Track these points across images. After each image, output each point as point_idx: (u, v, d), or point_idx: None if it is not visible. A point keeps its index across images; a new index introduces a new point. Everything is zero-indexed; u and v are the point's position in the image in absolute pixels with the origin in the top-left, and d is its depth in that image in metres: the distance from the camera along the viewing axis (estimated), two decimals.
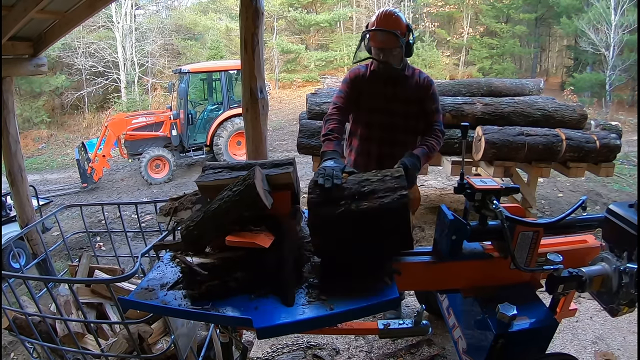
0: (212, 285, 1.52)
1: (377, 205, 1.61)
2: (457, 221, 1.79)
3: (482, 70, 20.70)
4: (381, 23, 2.51)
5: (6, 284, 1.92)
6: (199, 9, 23.58)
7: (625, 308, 1.79)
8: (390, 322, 2.08)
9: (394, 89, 2.65)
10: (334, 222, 1.62)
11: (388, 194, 1.64)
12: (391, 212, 1.60)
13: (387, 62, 2.56)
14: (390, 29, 2.47)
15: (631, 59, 15.71)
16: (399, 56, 2.57)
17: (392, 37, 2.47)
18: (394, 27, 2.47)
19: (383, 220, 1.62)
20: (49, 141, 15.88)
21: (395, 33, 2.45)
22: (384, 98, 2.66)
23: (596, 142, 4.53)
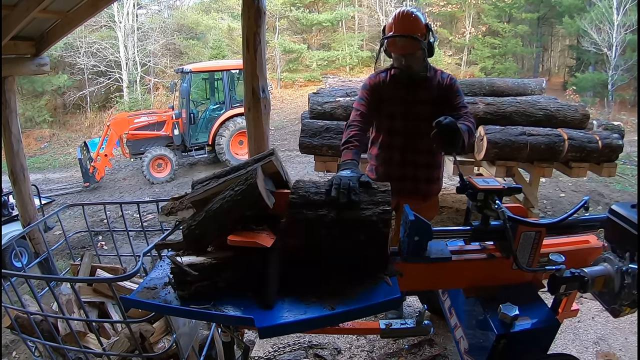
0: (201, 286, 1.51)
1: (357, 217, 1.60)
2: (419, 221, 1.76)
3: (484, 70, 20.68)
4: (399, 27, 2.40)
5: (8, 282, 1.93)
6: (201, 9, 23.62)
7: (627, 309, 1.79)
8: (392, 322, 2.08)
9: (416, 92, 2.56)
10: (311, 226, 1.61)
11: (370, 206, 1.63)
12: (370, 226, 1.59)
13: (410, 66, 2.48)
14: (410, 32, 2.37)
15: (633, 58, 15.66)
16: (421, 59, 2.47)
17: (413, 41, 2.38)
18: (413, 31, 2.37)
19: (360, 232, 1.59)
20: (51, 140, 15.92)
21: (415, 37, 2.36)
22: (406, 103, 2.57)
23: (598, 142, 4.52)
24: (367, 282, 1.58)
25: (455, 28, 23.27)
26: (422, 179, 2.69)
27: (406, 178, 2.67)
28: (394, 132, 2.65)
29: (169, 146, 10.59)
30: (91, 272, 2.57)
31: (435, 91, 2.55)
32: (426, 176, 2.70)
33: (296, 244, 1.62)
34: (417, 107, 2.56)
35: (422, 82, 2.56)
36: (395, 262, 1.78)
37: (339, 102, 4.94)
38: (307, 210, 1.63)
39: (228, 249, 1.58)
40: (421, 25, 2.41)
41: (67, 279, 2.53)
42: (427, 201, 2.75)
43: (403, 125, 2.61)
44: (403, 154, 2.65)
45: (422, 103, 2.55)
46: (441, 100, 2.54)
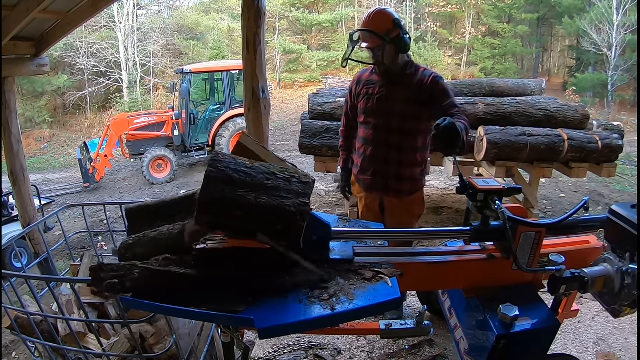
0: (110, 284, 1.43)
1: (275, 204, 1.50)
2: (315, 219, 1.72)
3: (484, 71, 20.70)
4: (363, 23, 2.53)
5: (8, 283, 1.92)
6: (201, 9, 23.63)
7: (628, 309, 1.79)
8: (392, 323, 2.08)
9: (392, 89, 2.61)
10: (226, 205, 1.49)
11: (290, 196, 1.54)
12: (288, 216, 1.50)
13: (378, 61, 2.55)
14: (370, 27, 2.47)
15: (633, 59, 15.69)
16: (390, 54, 2.53)
17: (372, 35, 2.46)
18: (374, 26, 2.47)
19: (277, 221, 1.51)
20: (51, 141, 15.93)
21: (374, 31, 2.45)
22: (380, 99, 2.64)
23: (598, 142, 4.52)
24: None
25: (455, 28, 23.30)
26: (392, 175, 2.70)
27: (378, 173, 2.72)
28: (367, 127, 2.72)
29: (169, 147, 10.60)
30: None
31: (413, 89, 2.57)
32: (396, 173, 2.69)
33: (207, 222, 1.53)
34: (390, 104, 2.60)
35: (399, 79, 2.61)
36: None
37: (338, 103, 4.95)
38: (225, 187, 1.50)
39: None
40: (385, 21, 2.48)
41: (67, 279, 2.53)
42: (401, 198, 2.75)
43: (376, 120, 2.67)
44: (375, 149, 2.70)
45: (396, 100, 2.59)
46: (421, 98, 2.55)
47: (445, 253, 1.94)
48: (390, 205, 2.78)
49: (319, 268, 1.65)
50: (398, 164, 2.68)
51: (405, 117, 2.59)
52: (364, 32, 2.51)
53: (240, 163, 1.57)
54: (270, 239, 1.51)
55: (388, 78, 2.64)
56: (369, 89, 2.70)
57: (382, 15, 2.50)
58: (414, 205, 2.81)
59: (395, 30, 2.47)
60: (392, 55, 2.53)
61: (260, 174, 1.56)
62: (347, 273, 1.65)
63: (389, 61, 2.55)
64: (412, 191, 2.76)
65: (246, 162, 1.58)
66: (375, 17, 2.50)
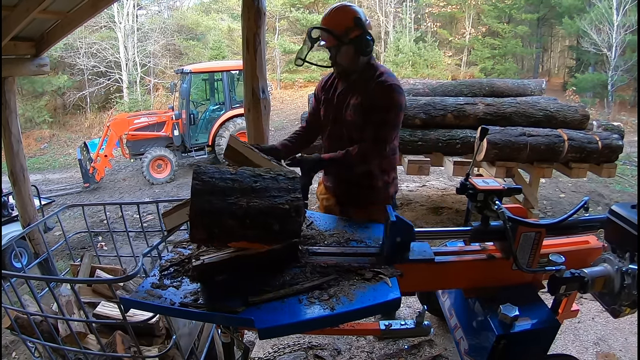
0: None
1: (268, 204, 1.50)
2: (401, 222, 1.76)
3: (484, 71, 20.70)
4: (322, 19, 2.29)
5: (8, 283, 1.92)
6: (201, 9, 23.64)
7: (627, 309, 1.79)
8: (391, 323, 2.08)
9: (345, 94, 2.38)
10: (218, 214, 1.48)
11: (281, 194, 1.53)
12: (283, 214, 1.50)
13: (334, 62, 2.34)
14: (328, 25, 2.24)
15: (633, 59, 15.68)
16: (347, 56, 2.27)
17: (327, 34, 2.24)
18: (331, 24, 2.23)
19: (273, 221, 1.51)
20: (51, 141, 15.93)
21: (329, 30, 2.22)
22: (334, 106, 2.43)
23: (598, 142, 4.52)
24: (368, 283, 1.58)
25: (455, 29, 23.31)
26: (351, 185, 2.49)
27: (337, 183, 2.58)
28: (325, 135, 2.55)
29: (169, 147, 10.60)
30: (91, 273, 2.57)
31: (366, 97, 2.29)
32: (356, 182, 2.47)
33: (204, 238, 1.53)
34: (340, 111, 2.39)
35: (355, 85, 2.35)
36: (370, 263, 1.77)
37: None
38: (213, 198, 1.48)
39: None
40: (345, 18, 2.22)
41: (67, 279, 2.53)
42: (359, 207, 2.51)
43: (331, 130, 2.47)
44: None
45: (346, 107, 2.36)
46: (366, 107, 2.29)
47: (445, 253, 1.94)
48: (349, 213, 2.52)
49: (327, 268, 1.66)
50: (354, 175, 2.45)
51: (354, 127, 2.34)
52: (320, 29, 2.26)
53: (224, 171, 1.55)
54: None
55: (344, 83, 2.41)
56: (328, 93, 2.49)
57: (342, 12, 2.24)
58: (378, 216, 2.44)
59: (356, 30, 2.22)
60: (349, 57, 2.27)
61: (247, 178, 1.55)
62: (347, 273, 1.65)
63: (346, 63, 2.30)
64: (373, 202, 2.49)
65: (229, 170, 1.56)
66: (335, 14, 2.24)
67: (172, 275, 1.68)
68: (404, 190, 6.45)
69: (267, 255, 1.61)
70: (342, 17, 2.22)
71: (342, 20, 2.22)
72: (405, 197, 6.10)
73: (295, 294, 1.52)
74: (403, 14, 22.54)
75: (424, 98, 5.21)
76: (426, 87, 5.82)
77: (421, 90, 5.72)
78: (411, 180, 7.01)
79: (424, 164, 4.79)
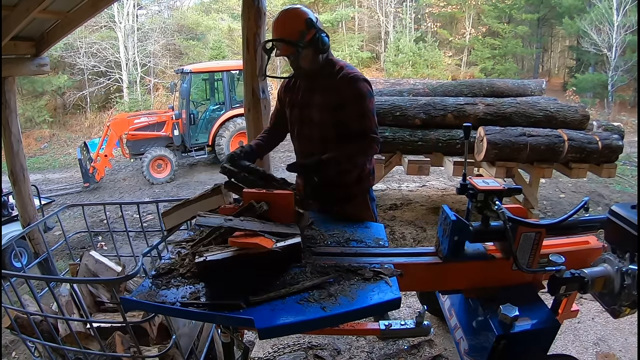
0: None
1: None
2: (460, 222, 1.79)
3: (484, 71, 20.67)
4: (273, 31, 2.27)
5: (8, 283, 1.93)
6: (201, 9, 23.59)
7: (627, 309, 1.79)
8: (391, 323, 2.08)
9: (309, 94, 2.36)
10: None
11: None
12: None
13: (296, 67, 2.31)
14: (281, 35, 2.22)
15: (633, 59, 15.66)
16: (307, 58, 2.25)
17: (284, 44, 2.22)
18: (284, 32, 2.21)
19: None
20: (51, 141, 15.91)
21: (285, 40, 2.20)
22: (300, 106, 2.41)
23: (598, 142, 4.52)
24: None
25: (455, 29, 23.27)
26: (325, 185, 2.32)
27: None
28: (293, 138, 2.53)
29: (169, 147, 10.58)
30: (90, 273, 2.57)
31: (329, 93, 2.28)
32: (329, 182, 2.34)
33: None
34: (307, 111, 2.37)
35: (317, 82, 2.34)
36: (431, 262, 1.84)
37: None
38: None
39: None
40: (296, 23, 2.19)
41: (67, 279, 2.53)
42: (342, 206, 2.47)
43: (299, 130, 2.45)
44: (303, 160, 2.42)
45: (314, 107, 2.34)
46: (334, 104, 2.27)
47: None
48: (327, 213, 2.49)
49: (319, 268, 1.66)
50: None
51: (323, 125, 2.32)
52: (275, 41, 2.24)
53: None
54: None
55: (306, 83, 2.40)
56: (292, 95, 2.47)
57: (292, 18, 2.22)
58: (360, 211, 2.50)
59: (310, 32, 2.19)
60: (309, 59, 2.26)
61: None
62: (347, 273, 1.65)
63: (307, 66, 2.28)
64: (350, 198, 2.49)
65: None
66: (285, 22, 2.23)
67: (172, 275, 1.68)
68: (404, 190, 6.45)
69: (269, 255, 1.61)
70: (294, 23, 2.20)
71: (294, 26, 2.19)
72: (405, 197, 6.10)
73: (295, 294, 1.52)
74: (403, 14, 22.52)
75: (424, 98, 5.21)
76: (426, 87, 5.83)
77: (421, 90, 5.72)
78: (411, 180, 7.01)
79: (424, 164, 4.80)
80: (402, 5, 22.34)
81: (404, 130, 4.93)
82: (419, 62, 20.58)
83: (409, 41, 21.23)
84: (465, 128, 2.03)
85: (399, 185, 6.99)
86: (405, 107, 4.97)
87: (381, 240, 2.00)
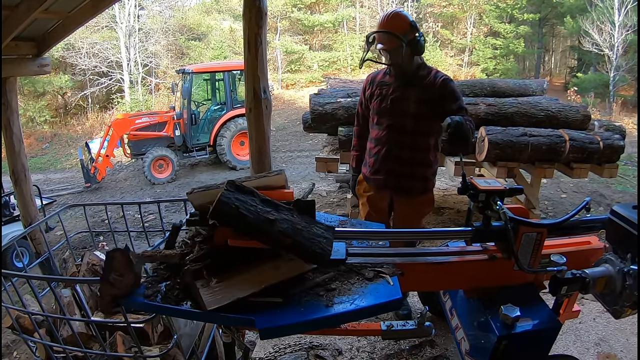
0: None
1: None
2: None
3: (486, 71, 20.69)
4: (380, 24, 2.55)
5: (9, 283, 1.93)
6: (202, 10, 23.64)
7: (629, 310, 1.78)
8: (393, 323, 2.08)
9: (405, 89, 2.65)
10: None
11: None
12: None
13: (394, 62, 2.60)
14: (388, 29, 2.50)
15: (634, 59, 15.65)
16: (406, 55, 2.54)
17: (390, 36, 2.50)
18: (391, 27, 2.50)
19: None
20: (52, 141, 15.94)
21: (393, 33, 2.48)
22: (393, 99, 2.68)
23: (600, 142, 4.51)
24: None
25: (457, 29, 23.28)
26: (405, 174, 2.75)
27: (391, 173, 2.76)
28: (380, 127, 2.76)
29: (170, 147, 10.60)
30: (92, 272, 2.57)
31: (425, 90, 2.61)
32: (409, 172, 2.75)
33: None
34: (403, 104, 2.65)
35: (412, 80, 2.65)
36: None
37: (340, 103, 4.94)
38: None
39: None
40: (402, 23, 2.52)
41: (68, 279, 2.53)
42: (412, 198, 2.82)
43: (389, 121, 2.71)
44: (388, 149, 2.73)
45: (410, 100, 2.63)
46: (431, 100, 2.59)
47: (447, 254, 1.93)
48: (400, 204, 2.85)
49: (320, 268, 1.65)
50: (411, 164, 2.73)
51: (419, 118, 2.62)
52: (381, 33, 2.54)
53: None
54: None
55: (402, 79, 2.68)
56: (382, 89, 2.74)
57: (399, 17, 2.54)
58: (424, 205, 2.90)
59: (412, 32, 2.51)
60: (407, 56, 2.55)
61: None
62: (348, 273, 1.65)
63: (405, 62, 2.59)
64: (423, 191, 2.83)
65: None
66: (393, 19, 2.53)
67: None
68: None
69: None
70: (401, 21, 2.52)
71: (401, 24, 2.51)
72: None
73: (296, 294, 1.52)
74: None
75: None
76: None
77: None
78: None
79: None
80: (404, 5, 22.34)
81: None
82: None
83: None
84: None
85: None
86: None
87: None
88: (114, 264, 1.48)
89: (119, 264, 1.49)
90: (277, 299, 1.47)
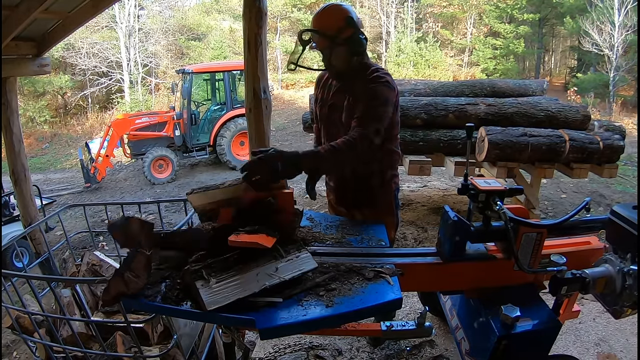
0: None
1: None
2: (460, 222, 1.79)
3: (486, 71, 20.70)
4: (312, 20, 2.20)
5: (9, 283, 1.93)
6: (202, 10, 23.66)
7: (629, 310, 1.78)
8: (393, 323, 2.08)
9: (339, 96, 2.29)
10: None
11: None
12: None
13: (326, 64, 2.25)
14: (318, 26, 2.16)
15: (634, 59, 15.66)
16: (339, 56, 2.18)
17: (319, 36, 2.15)
18: (322, 25, 2.15)
19: None
20: (52, 141, 15.95)
21: (321, 32, 2.14)
22: (329, 106, 2.35)
23: (599, 143, 4.51)
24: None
25: (457, 29, 23.30)
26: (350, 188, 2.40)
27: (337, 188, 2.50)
28: (322, 137, 2.45)
29: (170, 147, 10.60)
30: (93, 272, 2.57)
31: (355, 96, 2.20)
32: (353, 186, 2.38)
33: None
34: (336, 112, 2.30)
35: (349, 84, 2.25)
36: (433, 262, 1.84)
37: None
38: None
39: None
40: (336, 19, 2.13)
41: (68, 279, 2.53)
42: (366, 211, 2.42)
43: (327, 129, 2.39)
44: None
45: (339, 108, 2.27)
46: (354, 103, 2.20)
47: None
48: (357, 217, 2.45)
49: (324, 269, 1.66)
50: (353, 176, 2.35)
51: (347, 128, 2.16)
52: (311, 32, 2.18)
53: None
54: None
55: (339, 83, 2.32)
56: (323, 93, 2.41)
57: (333, 12, 2.15)
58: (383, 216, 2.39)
59: (348, 30, 2.13)
60: (343, 57, 2.18)
61: None
62: (348, 273, 1.65)
63: (339, 64, 2.20)
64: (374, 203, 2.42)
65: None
66: (325, 15, 2.16)
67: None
68: (405, 191, 6.44)
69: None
70: (334, 17, 2.14)
71: (334, 21, 2.13)
72: (406, 198, 6.09)
73: (296, 294, 1.52)
74: (404, 14, 22.55)
75: (425, 98, 5.21)
76: (428, 88, 5.82)
77: (422, 90, 5.72)
78: (412, 180, 7.00)
79: (425, 164, 4.79)
80: (404, 5, 22.37)
81: (405, 130, 4.92)
82: (421, 62, 20.62)
83: (410, 41, 21.27)
84: (468, 128, 2.02)
85: (400, 186, 6.98)
86: (406, 107, 4.97)
87: (382, 241, 2.00)
88: (134, 263, 1.44)
89: (138, 264, 1.45)
90: (277, 299, 1.46)
